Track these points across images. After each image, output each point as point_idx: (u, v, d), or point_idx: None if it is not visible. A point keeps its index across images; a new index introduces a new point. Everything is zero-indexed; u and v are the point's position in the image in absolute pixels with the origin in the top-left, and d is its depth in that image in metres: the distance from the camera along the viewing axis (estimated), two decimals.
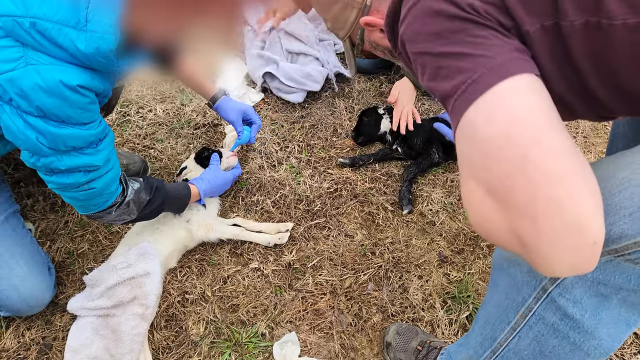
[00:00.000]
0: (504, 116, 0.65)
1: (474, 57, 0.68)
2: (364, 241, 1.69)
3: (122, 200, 1.34)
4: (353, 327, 1.50)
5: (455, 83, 0.69)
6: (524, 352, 0.96)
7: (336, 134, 2.01)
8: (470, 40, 0.69)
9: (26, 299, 1.39)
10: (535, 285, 0.88)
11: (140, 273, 1.46)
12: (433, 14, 0.72)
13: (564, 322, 0.88)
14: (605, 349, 0.88)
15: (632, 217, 0.71)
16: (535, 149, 0.63)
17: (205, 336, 1.47)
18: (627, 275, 0.79)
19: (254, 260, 1.63)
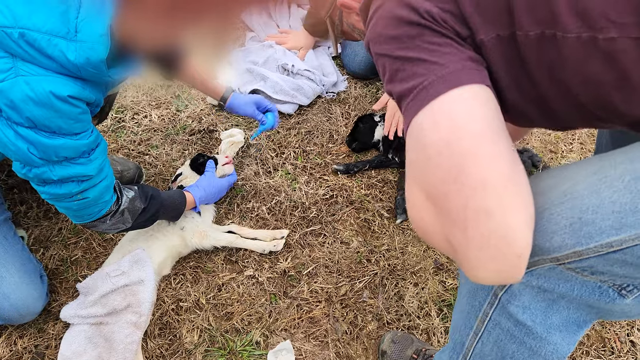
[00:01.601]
0: (446, 124, 0.68)
1: (427, 63, 0.71)
2: (360, 248, 1.68)
3: (116, 209, 1.33)
4: (348, 335, 1.49)
5: (408, 86, 0.72)
6: (487, 357, 0.98)
7: (332, 140, 2.01)
8: (425, 46, 0.72)
9: (18, 307, 1.38)
10: (488, 291, 0.90)
11: (134, 280, 1.45)
12: (394, 19, 0.75)
13: (517, 328, 0.89)
14: (562, 353, 0.89)
15: (572, 228, 0.73)
16: (471, 159, 0.65)
17: (199, 344, 1.46)
18: (570, 284, 0.81)
19: (249, 268, 1.62)
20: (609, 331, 1.51)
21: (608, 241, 0.72)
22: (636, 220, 0.69)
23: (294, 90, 2.02)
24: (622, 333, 1.51)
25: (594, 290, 0.80)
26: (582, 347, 1.47)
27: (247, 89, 2.04)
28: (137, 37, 0.78)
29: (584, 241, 0.73)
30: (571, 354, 1.44)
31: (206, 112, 2.08)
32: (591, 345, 1.47)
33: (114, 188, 1.32)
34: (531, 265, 0.81)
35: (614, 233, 0.71)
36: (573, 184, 0.75)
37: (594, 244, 0.72)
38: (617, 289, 0.79)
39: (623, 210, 0.70)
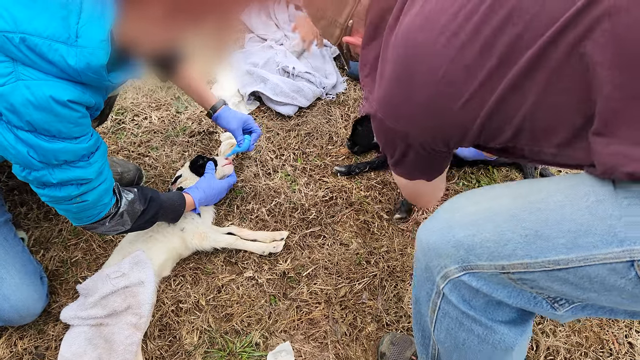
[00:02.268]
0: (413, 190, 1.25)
1: (405, 164, 1.09)
2: (359, 250, 1.69)
3: (115, 211, 1.33)
4: (347, 337, 1.50)
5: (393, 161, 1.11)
6: (445, 344, 1.00)
7: (332, 141, 2.02)
8: (406, 158, 1.06)
9: (18, 309, 1.38)
10: (432, 281, 0.93)
11: (134, 282, 1.45)
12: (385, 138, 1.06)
13: (464, 317, 0.92)
14: (510, 342, 0.92)
15: (526, 240, 0.76)
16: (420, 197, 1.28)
17: (199, 346, 1.46)
18: (507, 292, 0.85)
19: (249, 269, 1.63)
20: (607, 332, 1.52)
21: (556, 259, 0.74)
22: (588, 243, 0.71)
23: (294, 92, 2.03)
24: (621, 334, 1.52)
25: (529, 300, 0.84)
26: (580, 348, 1.48)
27: (247, 90, 2.05)
28: (138, 41, 0.79)
29: (534, 254, 0.76)
30: (569, 355, 1.45)
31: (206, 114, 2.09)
32: (589, 347, 1.48)
33: (113, 190, 1.33)
34: (475, 268, 0.84)
35: (564, 252, 0.73)
36: (544, 196, 0.79)
37: (542, 259, 0.75)
38: (550, 302, 0.83)
39: (578, 230, 0.72)
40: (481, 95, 0.84)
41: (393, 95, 0.96)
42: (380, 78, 0.99)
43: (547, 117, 0.81)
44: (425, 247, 0.92)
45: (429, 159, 1.04)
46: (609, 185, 0.73)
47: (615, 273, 0.70)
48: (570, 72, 0.75)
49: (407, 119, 0.96)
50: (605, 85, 0.71)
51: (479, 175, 1.92)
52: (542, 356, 1.44)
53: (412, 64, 0.91)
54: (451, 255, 0.86)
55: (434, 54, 0.87)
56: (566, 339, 1.49)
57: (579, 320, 1.52)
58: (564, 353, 1.46)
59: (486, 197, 0.88)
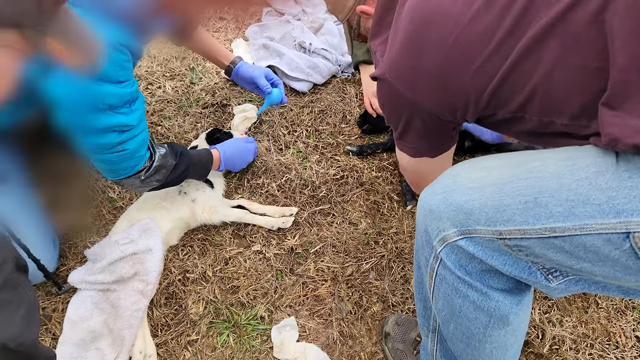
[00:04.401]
0: (416, 169, 1.26)
1: (410, 135, 1.11)
2: (368, 230, 1.68)
3: (150, 165, 1.35)
4: (352, 315, 1.49)
5: (398, 134, 1.14)
6: (442, 313, 1.00)
7: (345, 120, 1.99)
8: (411, 127, 1.08)
9: (30, 268, 1.39)
10: (431, 245, 0.93)
11: (142, 249, 1.45)
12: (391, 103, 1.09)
13: (460, 282, 0.92)
14: (505, 310, 0.92)
15: (525, 206, 0.77)
16: (423, 178, 1.21)
17: (204, 316, 1.47)
18: (503, 259, 0.85)
19: (257, 243, 1.62)
20: (615, 325, 1.50)
21: (553, 226, 0.75)
22: (584, 212, 0.72)
23: (310, 68, 2.00)
24: (628, 328, 1.50)
25: (523, 269, 0.85)
26: (586, 339, 1.46)
27: (263, 64, 2.02)
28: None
29: (531, 221, 0.77)
30: (575, 345, 1.44)
31: (220, 86, 2.07)
32: (596, 339, 1.47)
33: (147, 145, 1.35)
34: (473, 233, 0.85)
35: (561, 220, 0.74)
36: (542, 164, 0.80)
37: (539, 226, 0.76)
38: (545, 273, 0.84)
39: (576, 200, 0.73)
40: (493, 62, 0.84)
41: (404, 60, 0.96)
42: (392, 42, 0.99)
43: (560, 86, 0.81)
44: (425, 210, 0.91)
45: (434, 129, 1.05)
46: (611, 158, 0.73)
47: (610, 244, 0.71)
48: (587, 41, 0.74)
49: (416, 85, 0.96)
50: (619, 56, 0.71)
51: None
52: (547, 345, 1.43)
53: (425, 29, 0.91)
54: (450, 219, 0.86)
55: (447, 20, 0.87)
56: (572, 329, 1.48)
57: (586, 312, 1.51)
58: (569, 343, 1.45)
59: (488, 165, 0.88)
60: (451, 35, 0.85)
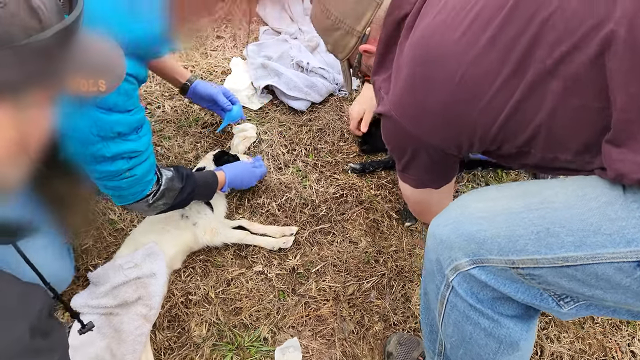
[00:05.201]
0: (420, 200, 1.28)
1: (415, 168, 1.13)
2: (368, 248, 1.70)
3: (157, 189, 1.37)
4: (355, 335, 1.51)
5: (401, 166, 1.17)
6: (451, 338, 1.02)
7: (343, 138, 2.02)
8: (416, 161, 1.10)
9: (51, 277, 1.39)
10: (442, 273, 0.95)
11: (146, 273, 1.46)
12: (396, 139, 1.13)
13: (471, 310, 0.94)
14: (515, 337, 0.94)
15: (537, 236, 0.80)
16: (427, 209, 1.26)
17: (207, 338, 1.47)
18: (515, 287, 0.87)
19: (258, 264, 1.64)
20: (610, 340, 1.53)
21: (565, 255, 0.77)
22: (596, 242, 0.74)
23: (308, 87, 2.02)
24: (623, 343, 1.54)
25: (535, 296, 0.87)
26: (583, 355, 1.49)
27: (261, 84, 2.04)
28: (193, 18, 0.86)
29: (544, 251, 0.79)
30: None
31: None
32: (592, 354, 1.49)
33: (155, 168, 1.37)
34: (485, 262, 0.87)
35: (573, 249, 0.76)
36: (553, 194, 0.82)
37: (552, 256, 0.78)
38: (556, 299, 0.86)
39: (587, 229, 0.75)
40: (499, 99, 0.87)
41: (408, 98, 0.98)
42: (395, 80, 1.01)
43: (564, 125, 0.84)
44: (436, 240, 0.94)
45: (439, 162, 1.08)
46: (618, 189, 0.76)
47: (622, 272, 0.73)
48: (588, 82, 0.78)
49: (422, 122, 0.99)
50: (619, 96, 0.74)
51: (488, 178, 1.93)
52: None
53: (428, 67, 0.94)
54: (462, 248, 0.88)
55: (450, 58, 0.90)
56: (570, 345, 1.50)
57: (583, 327, 1.54)
58: (567, 359, 1.47)
59: (496, 195, 0.91)
60: (456, 73, 0.87)
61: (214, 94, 1.81)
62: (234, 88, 2.05)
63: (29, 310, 0.72)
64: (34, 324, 0.71)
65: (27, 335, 0.70)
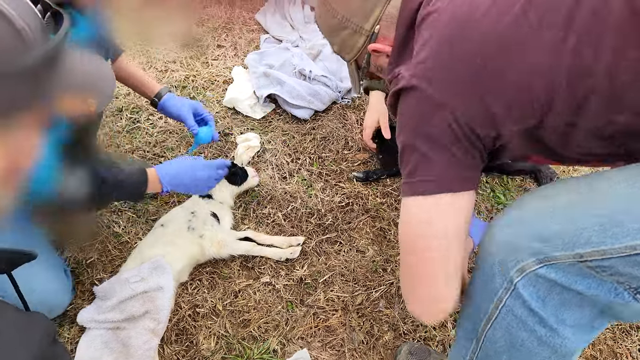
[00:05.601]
0: (427, 223, 0.96)
1: (433, 162, 0.94)
2: (375, 257, 1.69)
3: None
4: (365, 345, 1.49)
5: (411, 169, 0.96)
6: (497, 343, 0.99)
7: (347, 146, 2.01)
8: (438, 148, 0.93)
9: (45, 301, 1.38)
10: (505, 277, 0.92)
11: (153, 287, 1.44)
12: (417, 116, 0.95)
13: (530, 316, 0.91)
14: (571, 348, 0.91)
15: (601, 227, 0.78)
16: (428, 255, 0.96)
17: (216, 351, 1.46)
18: (588, 282, 0.84)
19: (265, 274, 1.62)
20: (621, 346, 1.53)
21: (633, 244, 0.75)
22: None
23: (311, 95, 2.02)
24: (634, 348, 1.53)
25: (610, 290, 0.83)
26: None
27: (264, 93, 2.04)
28: None
29: (610, 241, 0.77)
30: None
31: (221, 115, 2.08)
32: None
33: None
34: (552, 260, 0.84)
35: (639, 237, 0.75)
36: (609, 185, 0.81)
37: (619, 245, 0.76)
38: (632, 292, 0.82)
39: None
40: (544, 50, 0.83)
41: (435, 60, 0.92)
42: (417, 55, 0.95)
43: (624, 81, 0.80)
44: (499, 243, 0.91)
45: (466, 150, 0.93)
46: None
47: None
48: None
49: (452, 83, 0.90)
50: None
51: (494, 184, 1.92)
52: None
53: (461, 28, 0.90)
54: (527, 248, 0.86)
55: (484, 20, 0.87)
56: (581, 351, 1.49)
57: None
58: None
59: (556, 191, 0.89)
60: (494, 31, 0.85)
61: (182, 115, 1.70)
62: (236, 97, 2.05)
63: (31, 340, 0.71)
64: (36, 353, 0.70)
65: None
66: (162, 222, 1.65)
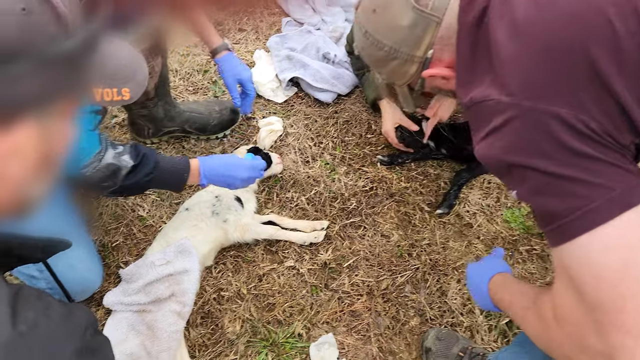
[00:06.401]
0: (623, 249, 0.69)
1: (590, 185, 0.70)
2: (401, 242, 1.66)
3: (98, 160, 1.21)
4: (391, 330, 1.48)
5: (567, 206, 0.72)
6: None
7: (370, 130, 1.98)
8: (586, 166, 0.71)
9: (82, 280, 1.40)
10: None
11: (179, 270, 1.44)
12: (543, 133, 0.73)
13: None
14: None
15: None
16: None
17: (241, 335, 1.45)
18: None
19: (289, 259, 1.61)
20: None
21: None
22: None
23: (334, 78, 1.99)
24: None
25: None
26: None
27: (287, 76, 2.01)
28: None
29: None
30: None
31: None
32: None
33: (100, 139, 1.23)
34: None
35: None
36: None
37: None
38: None
39: None
40: None
41: (537, 73, 0.77)
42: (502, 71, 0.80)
43: None
44: None
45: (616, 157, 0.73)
46: None
47: None
48: None
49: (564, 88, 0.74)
50: None
51: None
52: None
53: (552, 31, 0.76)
54: None
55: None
56: None
57: None
58: None
59: None
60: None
61: (227, 85, 1.72)
62: (258, 81, 2.02)
63: (74, 332, 0.70)
64: (80, 345, 0.69)
65: (74, 358, 0.67)
66: (187, 206, 1.64)
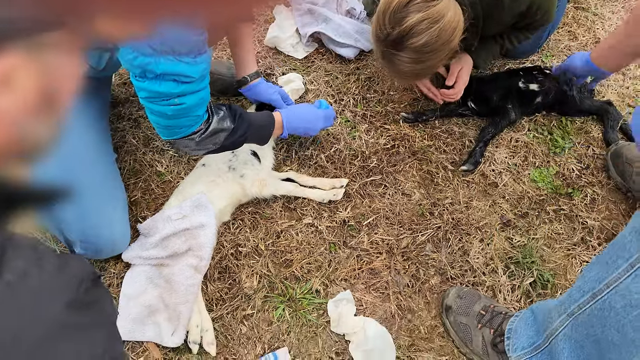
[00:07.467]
0: None
1: None
2: (422, 201, 1.62)
3: (206, 127, 1.29)
4: (410, 289, 1.45)
5: None
6: (635, 294, 0.86)
7: (393, 87, 1.91)
8: None
9: (114, 240, 1.42)
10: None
11: (195, 225, 1.43)
12: None
13: None
14: None
15: None
16: None
17: (258, 290, 1.44)
18: None
19: (308, 216, 1.58)
20: None
21: None
22: None
23: (358, 33, 1.91)
24: None
25: None
26: None
27: (308, 31, 1.94)
28: None
29: None
30: None
31: (262, 55, 2.01)
32: None
33: (207, 107, 1.29)
34: None
35: None
36: None
37: None
38: None
39: None
40: None
41: None
42: None
43: None
44: None
45: None
46: None
47: None
48: None
49: None
50: None
51: (551, 127, 1.79)
52: None
53: None
54: None
55: None
56: None
57: None
58: None
59: None
60: None
61: (273, 99, 1.67)
62: (278, 36, 1.97)
63: (68, 283, 0.68)
64: (72, 297, 0.67)
65: (64, 311, 0.65)
66: (204, 161, 1.62)
